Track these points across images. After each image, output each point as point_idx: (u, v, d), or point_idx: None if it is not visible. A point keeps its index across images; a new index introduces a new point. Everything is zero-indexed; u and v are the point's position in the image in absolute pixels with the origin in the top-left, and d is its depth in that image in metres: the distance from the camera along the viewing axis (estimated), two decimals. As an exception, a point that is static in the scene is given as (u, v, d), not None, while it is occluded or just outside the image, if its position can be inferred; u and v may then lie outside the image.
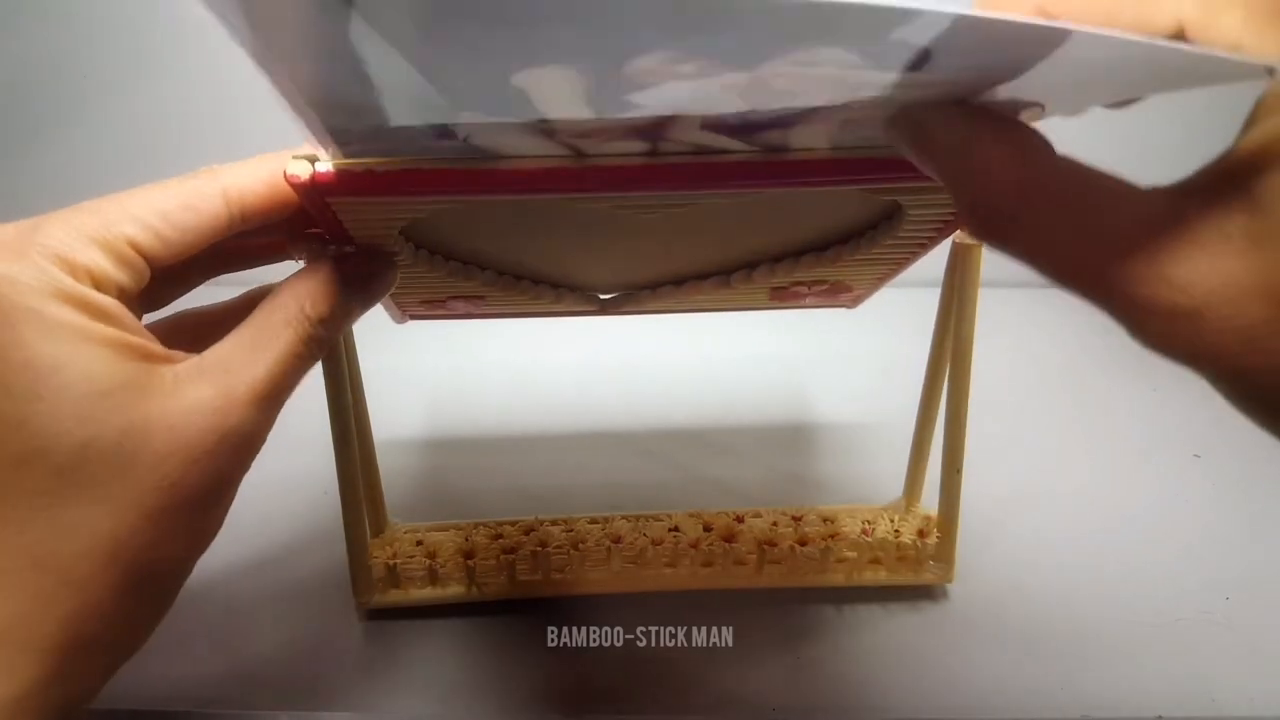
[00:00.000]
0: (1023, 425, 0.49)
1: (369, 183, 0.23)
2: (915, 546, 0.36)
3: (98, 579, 0.22)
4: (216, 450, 0.23)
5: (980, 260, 0.32)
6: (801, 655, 0.34)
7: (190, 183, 0.25)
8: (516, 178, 0.24)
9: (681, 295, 0.36)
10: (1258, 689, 0.33)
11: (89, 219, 0.23)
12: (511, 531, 0.36)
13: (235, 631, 0.35)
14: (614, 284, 0.36)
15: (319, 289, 0.26)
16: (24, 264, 0.22)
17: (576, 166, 0.24)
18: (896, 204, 0.29)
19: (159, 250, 0.24)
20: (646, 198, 0.26)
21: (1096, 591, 0.38)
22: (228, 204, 0.25)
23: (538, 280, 0.35)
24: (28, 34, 0.58)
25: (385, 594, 0.35)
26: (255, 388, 0.24)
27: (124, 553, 0.22)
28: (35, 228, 0.23)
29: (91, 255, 0.23)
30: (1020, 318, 0.62)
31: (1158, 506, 0.43)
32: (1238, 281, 0.15)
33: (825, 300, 0.38)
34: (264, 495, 0.42)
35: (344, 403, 0.31)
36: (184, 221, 0.25)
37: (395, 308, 0.37)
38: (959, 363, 0.34)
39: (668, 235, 0.32)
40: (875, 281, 0.36)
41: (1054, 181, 0.18)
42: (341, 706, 0.32)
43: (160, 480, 0.22)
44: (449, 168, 0.23)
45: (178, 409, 0.23)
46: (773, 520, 0.36)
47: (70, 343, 0.22)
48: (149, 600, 0.24)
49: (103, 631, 0.22)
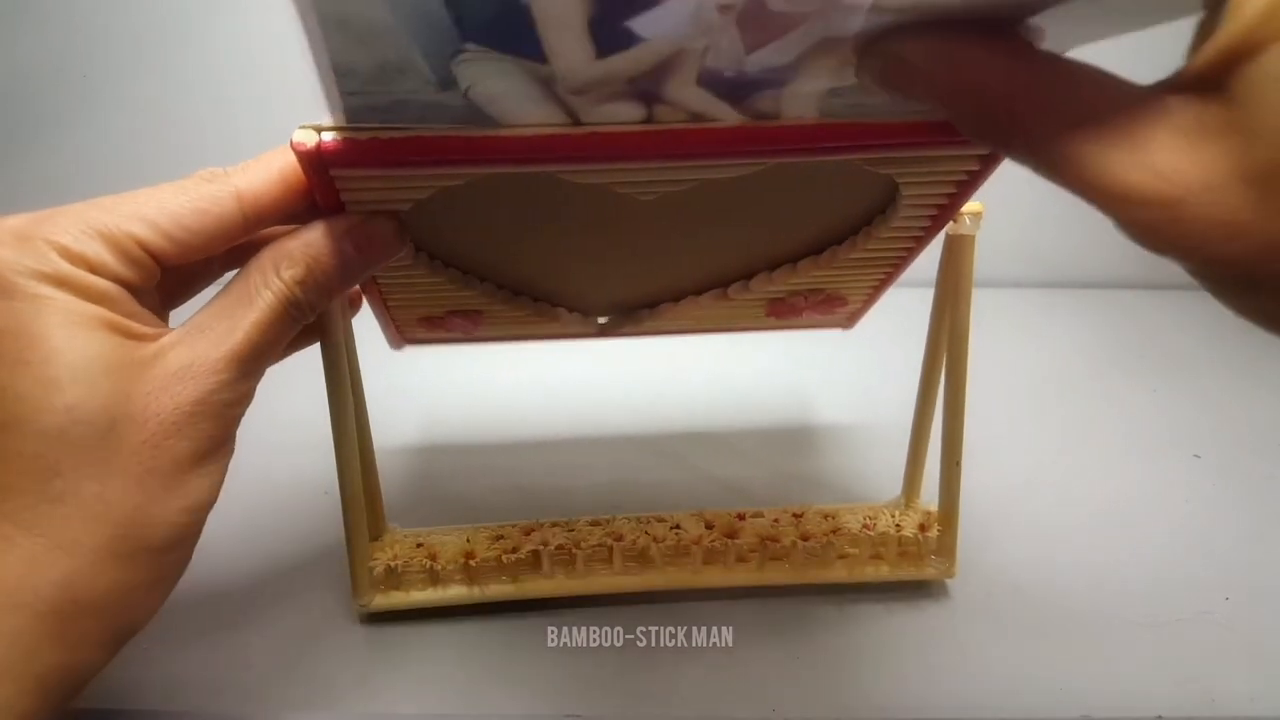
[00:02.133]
0: (1022, 426, 0.49)
1: (372, 151, 0.24)
2: (917, 541, 0.36)
3: (87, 542, 0.23)
4: (195, 413, 0.24)
5: (974, 251, 0.32)
6: (802, 654, 0.34)
7: (204, 186, 0.26)
8: (517, 146, 0.24)
9: (680, 312, 0.36)
10: (1258, 689, 0.33)
11: (98, 214, 0.24)
12: (512, 532, 0.36)
13: (236, 632, 0.35)
14: (611, 302, 0.36)
15: (299, 250, 0.26)
16: (25, 248, 0.23)
17: (575, 134, 0.24)
18: (891, 188, 0.29)
19: (168, 250, 0.25)
20: (643, 170, 0.26)
21: (1096, 591, 0.38)
22: (241, 207, 0.26)
23: (537, 297, 0.35)
24: (28, 34, 0.58)
25: (386, 596, 0.35)
26: (231, 351, 0.24)
27: (113, 514, 0.23)
28: (45, 219, 0.24)
29: (93, 246, 0.24)
30: (1020, 318, 0.62)
31: (1158, 506, 0.43)
32: (1218, 170, 0.16)
33: (821, 314, 0.38)
34: (264, 495, 0.43)
35: (344, 406, 0.31)
36: (195, 225, 0.25)
37: (393, 329, 0.36)
38: (955, 354, 0.34)
39: (664, 240, 0.32)
40: (870, 292, 0.36)
41: (1043, 78, 0.18)
42: (342, 707, 0.32)
43: (141, 445, 0.23)
44: (451, 134, 0.24)
45: (156, 376, 0.24)
46: (774, 518, 0.36)
47: (58, 318, 0.23)
48: (143, 568, 0.24)
49: (96, 597, 0.23)
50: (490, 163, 0.25)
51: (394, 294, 0.33)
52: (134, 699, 0.32)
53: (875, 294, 0.37)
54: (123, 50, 0.59)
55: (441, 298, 0.34)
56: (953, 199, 0.29)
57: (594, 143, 0.24)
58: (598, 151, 0.24)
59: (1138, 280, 0.67)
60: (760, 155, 0.25)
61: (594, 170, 0.26)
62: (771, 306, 0.37)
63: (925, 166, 0.27)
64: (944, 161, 0.27)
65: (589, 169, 0.25)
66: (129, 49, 0.59)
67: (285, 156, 0.26)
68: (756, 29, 0.22)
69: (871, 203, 0.31)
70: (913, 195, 0.29)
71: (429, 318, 0.35)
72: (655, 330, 0.38)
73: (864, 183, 0.29)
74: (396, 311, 0.35)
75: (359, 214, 0.27)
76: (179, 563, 0.25)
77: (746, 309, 0.37)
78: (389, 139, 0.24)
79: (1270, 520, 0.42)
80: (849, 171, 0.27)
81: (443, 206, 0.28)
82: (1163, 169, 0.17)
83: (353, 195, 0.26)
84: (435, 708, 0.32)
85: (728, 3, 0.20)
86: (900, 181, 0.28)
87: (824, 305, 0.37)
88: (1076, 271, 0.67)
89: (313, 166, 0.24)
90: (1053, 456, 0.47)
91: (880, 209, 0.31)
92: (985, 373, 0.34)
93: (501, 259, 0.33)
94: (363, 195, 0.26)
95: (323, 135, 0.24)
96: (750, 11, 0.21)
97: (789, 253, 0.34)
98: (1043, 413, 0.51)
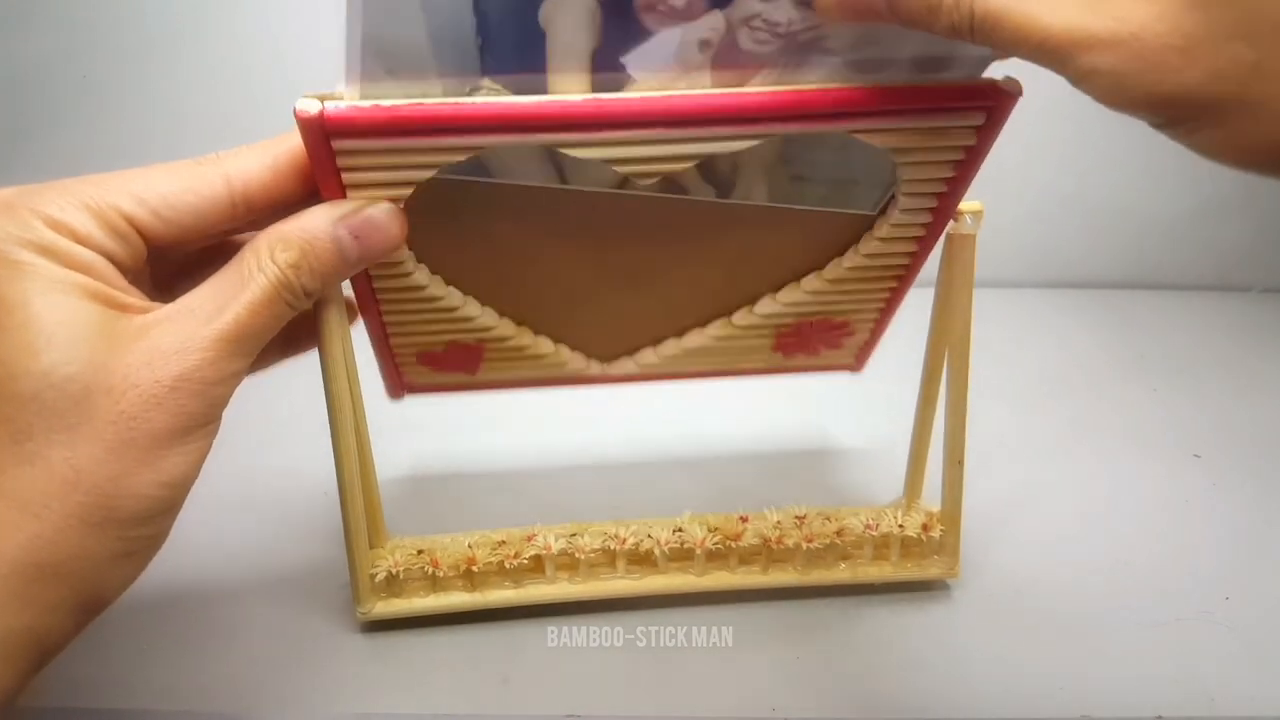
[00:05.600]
0: (1022, 426, 0.49)
1: (375, 120, 0.24)
2: (919, 541, 0.36)
3: (55, 507, 0.22)
4: (176, 389, 0.24)
5: (975, 250, 0.32)
6: (802, 654, 0.34)
7: (193, 168, 0.26)
8: (519, 115, 0.25)
9: (684, 349, 0.36)
10: (1258, 689, 0.33)
11: (87, 188, 0.25)
12: (514, 537, 0.35)
13: (236, 633, 0.35)
14: (613, 337, 0.36)
15: (294, 233, 0.26)
16: (9, 216, 0.23)
17: (576, 101, 0.25)
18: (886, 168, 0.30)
19: (155, 227, 0.25)
20: (643, 143, 0.26)
21: (1095, 591, 0.38)
22: (229, 188, 0.26)
23: (538, 331, 0.35)
24: (28, 34, 0.58)
25: (387, 603, 0.35)
26: (219, 329, 0.24)
27: (83, 481, 0.23)
28: (33, 191, 0.24)
29: (79, 218, 0.24)
30: (1020, 318, 0.62)
31: (1158, 506, 0.43)
32: (1169, 5, 0.19)
33: (830, 348, 0.37)
34: (264, 495, 0.42)
35: (343, 413, 0.31)
36: (184, 203, 0.25)
37: (393, 368, 0.36)
38: (957, 354, 0.34)
39: (664, 269, 0.32)
40: (876, 316, 0.36)
41: None
42: (341, 703, 0.32)
43: (118, 415, 0.23)
44: (454, 104, 0.24)
45: (138, 349, 0.23)
46: (776, 520, 0.36)
47: (39, 284, 0.23)
48: (112, 539, 0.23)
49: (60, 562, 0.23)
50: (493, 131, 0.25)
51: (393, 313, 0.32)
52: (134, 699, 0.32)
53: (882, 320, 0.37)
54: (123, 50, 0.59)
55: (442, 323, 0.33)
56: (951, 185, 0.29)
57: (594, 110, 0.25)
58: (598, 117, 0.25)
59: (1138, 280, 0.67)
60: (758, 122, 0.26)
61: (596, 142, 0.26)
62: (779, 340, 0.36)
63: (922, 140, 0.27)
64: (940, 135, 0.27)
65: (591, 139, 0.26)
66: (129, 49, 0.59)
67: (278, 144, 0.26)
68: (728, 68, 0.25)
69: (864, 223, 0.31)
70: (911, 178, 0.29)
71: (428, 352, 0.35)
72: (662, 373, 0.37)
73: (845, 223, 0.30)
74: (396, 339, 0.34)
75: (359, 201, 0.27)
76: (151, 539, 0.25)
77: (753, 343, 0.37)
78: (392, 107, 0.24)
79: (1270, 520, 0.42)
80: None
81: (442, 220, 0.28)
82: (1117, 12, 0.19)
83: (354, 176, 0.26)
84: (435, 707, 0.32)
85: (707, 39, 0.23)
86: (899, 162, 0.28)
87: (832, 335, 0.37)
88: (1076, 271, 0.67)
89: (315, 135, 0.24)
90: (1053, 456, 0.47)
91: (881, 213, 0.31)
92: (985, 373, 0.34)
93: (501, 285, 0.32)
94: (363, 175, 0.26)
95: (326, 105, 0.24)
96: (725, 50, 0.23)
97: (792, 273, 0.34)
98: (1043, 413, 0.51)
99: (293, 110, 0.24)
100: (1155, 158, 0.62)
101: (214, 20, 0.58)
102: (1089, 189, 0.64)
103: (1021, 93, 0.26)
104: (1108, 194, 0.64)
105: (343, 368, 0.30)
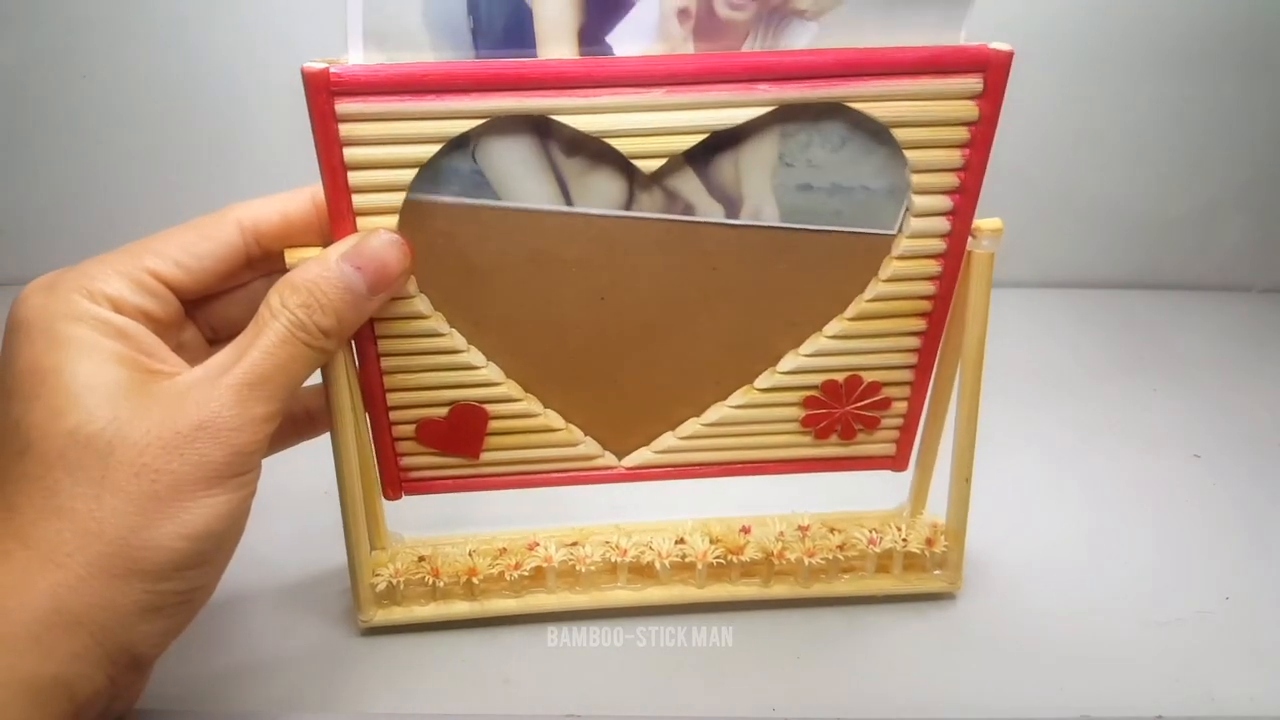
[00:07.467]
0: (1021, 425, 0.49)
1: (379, 79, 0.25)
2: (923, 555, 0.36)
3: (78, 557, 0.23)
4: (195, 438, 0.24)
5: (992, 269, 0.31)
6: (802, 655, 0.34)
7: (209, 217, 0.28)
8: (522, 74, 0.26)
9: (706, 426, 0.34)
10: (1258, 689, 0.33)
11: (120, 256, 0.27)
12: (515, 545, 0.35)
13: (236, 634, 0.35)
14: (626, 417, 0.34)
15: (299, 278, 0.27)
16: (53, 294, 0.25)
17: (576, 62, 0.26)
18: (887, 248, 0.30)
19: (181, 277, 0.27)
20: (646, 111, 0.27)
21: (1095, 591, 0.38)
22: (241, 230, 0.28)
23: (547, 402, 0.33)
24: (28, 34, 0.58)
25: (388, 611, 0.34)
26: (235, 376, 0.25)
27: (106, 531, 0.23)
28: (73, 269, 0.26)
29: (114, 284, 0.26)
30: (1020, 318, 0.62)
31: (1158, 506, 0.43)
32: None
33: (866, 426, 0.35)
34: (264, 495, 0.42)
35: (344, 419, 0.31)
36: (202, 250, 0.28)
37: (390, 455, 0.33)
38: (970, 370, 0.33)
39: (680, 319, 0.32)
40: (909, 378, 0.34)
41: None
42: (342, 703, 0.32)
43: (141, 468, 0.24)
44: (457, 63, 0.25)
45: (160, 404, 0.24)
46: (779, 529, 0.36)
47: (73, 352, 0.24)
48: (135, 590, 0.24)
49: (82, 610, 0.23)
50: (496, 90, 0.26)
51: (393, 356, 0.31)
52: (134, 699, 0.32)
53: (918, 389, 0.34)
54: (123, 50, 0.59)
55: (443, 370, 0.31)
56: (963, 179, 0.29)
57: (594, 70, 0.26)
58: (599, 78, 0.26)
59: (1138, 280, 0.67)
60: (755, 82, 0.26)
61: (597, 108, 0.26)
62: (809, 413, 0.34)
63: (922, 110, 0.28)
64: (940, 104, 0.28)
65: (592, 104, 0.26)
66: (129, 49, 0.59)
67: (289, 194, 0.29)
68: (710, 40, 0.26)
69: (884, 248, 0.31)
70: (920, 168, 0.29)
71: (429, 422, 0.33)
72: (683, 463, 0.35)
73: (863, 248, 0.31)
74: (395, 397, 0.32)
75: (356, 235, 0.28)
76: (181, 595, 0.25)
77: (780, 412, 0.34)
78: (396, 66, 0.25)
79: (1270, 520, 0.42)
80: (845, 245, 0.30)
81: (446, 256, 0.29)
82: None
83: (355, 152, 0.26)
84: (436, 708, 0.32)
85: (684, 7, 0.24)
86: (902, 142, 0.28)
87: (866, 409, 0.34)
88: (1076, 271, 0.67)
89: (320, 95, 0.25)
90: (1052, 455, 0.47)
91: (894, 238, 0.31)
92: (985, 372, 0.34)
93: (506, 331, 0.31)
94: (365, 151, 0.26)
95: (332, 67, 0.25)
96: (703, 18, 0.24)
97: (813, 315, 0.32)
98: (1043, 413, 0.51)
99: (300, 70, 0.25)
100: (1156, 158, 0.62)
101: (214, 20, 0.58)
102: (1089, 189, 0.64)
103: (1013, 55, 0.27)
104: (1108, 194, 0.64)
105: (343, 370, 0.30)
